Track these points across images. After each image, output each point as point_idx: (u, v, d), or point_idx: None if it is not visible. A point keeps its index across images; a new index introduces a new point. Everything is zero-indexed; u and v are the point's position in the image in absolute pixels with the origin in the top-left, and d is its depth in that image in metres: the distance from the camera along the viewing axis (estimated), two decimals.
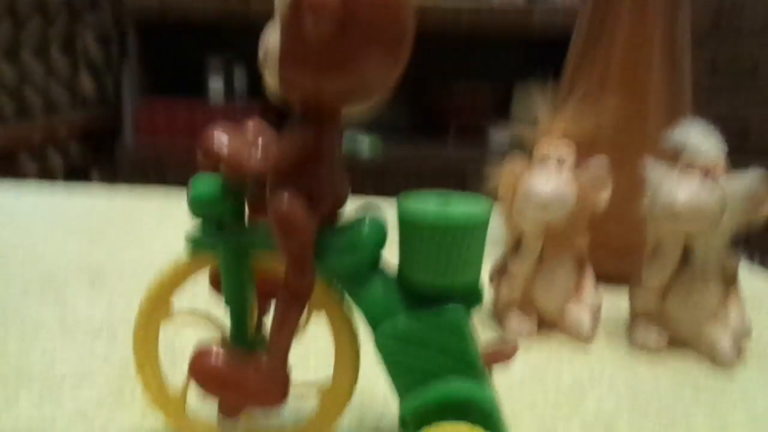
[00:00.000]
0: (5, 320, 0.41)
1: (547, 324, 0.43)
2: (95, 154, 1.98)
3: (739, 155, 0.38)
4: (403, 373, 0.24)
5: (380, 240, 0.25)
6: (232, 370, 0.25)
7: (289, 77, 0.22)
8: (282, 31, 0.22)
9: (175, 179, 1.64)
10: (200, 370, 0.25)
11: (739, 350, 0.39)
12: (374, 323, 0.25)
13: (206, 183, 0.25)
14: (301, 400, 0.31)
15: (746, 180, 0.36)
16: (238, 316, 0.26)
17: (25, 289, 0.47)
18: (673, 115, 0.43)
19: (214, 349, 0.26)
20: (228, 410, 0.26)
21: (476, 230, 0.24)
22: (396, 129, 1.81)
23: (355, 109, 0.23)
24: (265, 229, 0.24)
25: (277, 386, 0.25)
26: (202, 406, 0.29)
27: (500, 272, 0.43)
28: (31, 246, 0.57)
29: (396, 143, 1.71)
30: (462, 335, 0.24)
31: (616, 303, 0.47)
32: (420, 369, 0.24)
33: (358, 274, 0.25)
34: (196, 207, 0.25)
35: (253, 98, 1.82)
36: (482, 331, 0.42)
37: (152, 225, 0.66)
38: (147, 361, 0.27)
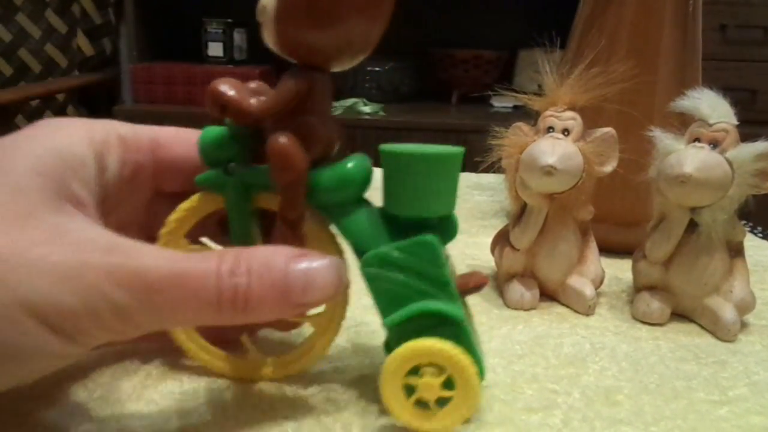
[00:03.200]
0: None
1: (548, 295, 0.43)
2: (93, 117, 1.97)
3: (747, 126, 0.37)
4: (386, 296, 0.27)
5: (365, 178, 0.28)
6: None
7: (284, 34, 0.25)
8: None
9: None
10: None
11: (742, 323, 0.39)
12: (360, 252, 0.28)
13: (214, 132, 0.28)
14: (297, 329, 0.34)
15: (754, 151, 0.35)
16: None
17: None
18: (682, 85, 0.42)
19: None
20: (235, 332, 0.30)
21: (448, 162, 0.27)
22: (399, 95, 1.80)
23: (342, 64, 0.27)
24: (263, 171, 0.27)
25: None
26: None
27: (502, 243, 0.43)
28: None
29: (399, 110, 1.69)
30: (437, 262, 0.27)
31: (619, 274, 0.47)
32: (400, 292, 0.27)
33: (346, 208, 0.28)
34: (206, 153, 0.28)
35: (252, 63, 1.80)
36: (484, 301, 0.42)
37: None
38: None
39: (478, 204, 0.66)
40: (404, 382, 0.27)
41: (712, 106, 0.37)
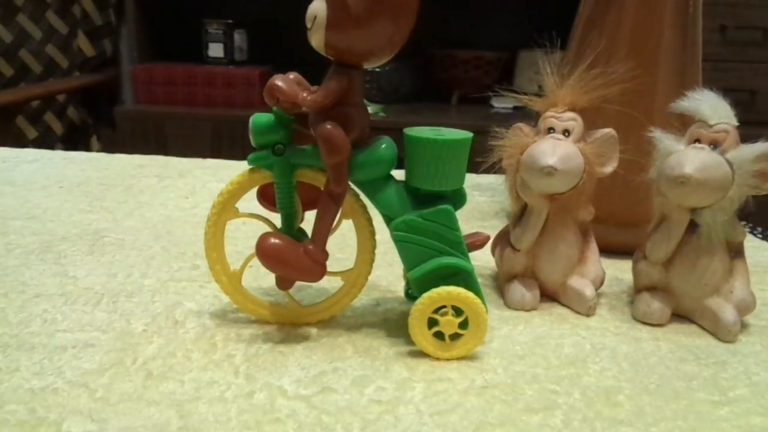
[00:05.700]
0: (5, 287, 0.41)
1: (549, 296, 0.43)
2: (94, 118, 1.97)
3: (747, 127, 0.37)
4: (411, 253, 0.34)
5: (393, 158, 0.34)
6: (287, 251, 0.33)
7: (332, 39, 0.30)
8: (329, 4, 0.29)
9: (175, 143, 1.63)
10: (264, 248, 0.33)
11: (742, 324, 0.39)
12: (389, 219, 0.34)
13: (263, 117, 0.33)
14: (330, 282, 0.38)
15: (754, 152, 0.35)
16: (288, 217, 0.35)
17: (25, 255, 0.46)
18: (682, 86, 0.42)
19: (274, 235, 0.33)
20: (282, 284, 0.35)
21: (460, 146, 0.33)
22: (399, 96, 1.79)
23: (373, 63, 0.32)
24: (307, 151, 0.33)
25: (318, 265, 0.34)
26: (254, 287, 0.37)
27: (503, 243, 0.43)
28: (30, 212, 0.57)
29: (399, 110, 1.69)
30: (451, 226, 0.34)
31: (619, 275, 0.47)
32: (423, 250, 0.34)
33: (378, 183, 0.34)
34: (257, 135, 0.33)
35: (252, 64, 1.80)
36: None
37: (152, 191, 0.65)
38: (214, 249, 0.35)
39: (479, 204, 0.66)
40: (430, 316, 0.33)
41: (712, 107, 0.37)
